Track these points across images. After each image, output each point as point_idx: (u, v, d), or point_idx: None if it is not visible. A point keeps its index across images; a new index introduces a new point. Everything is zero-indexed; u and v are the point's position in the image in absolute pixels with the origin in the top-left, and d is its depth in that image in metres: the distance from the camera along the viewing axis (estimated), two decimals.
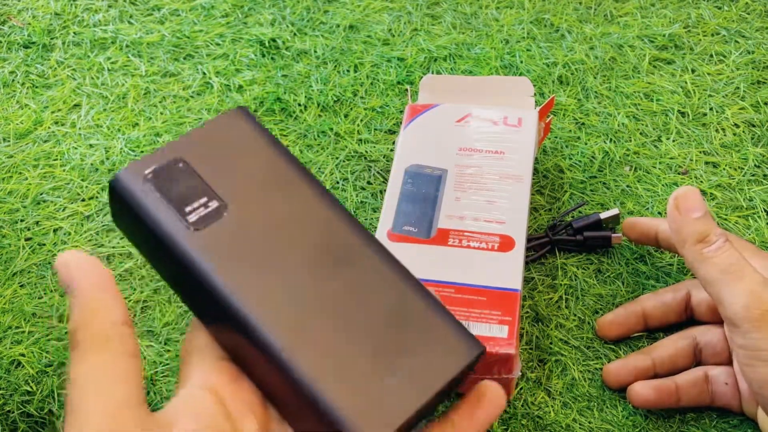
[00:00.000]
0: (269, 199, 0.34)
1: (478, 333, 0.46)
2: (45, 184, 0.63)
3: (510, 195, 0.53)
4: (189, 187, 0.33)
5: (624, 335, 0.51)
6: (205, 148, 0.35)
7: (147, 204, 0.32)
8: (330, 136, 0.64)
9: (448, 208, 0.52)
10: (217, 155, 0.35)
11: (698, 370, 0.48)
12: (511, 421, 0.49)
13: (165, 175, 0.33)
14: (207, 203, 0.33)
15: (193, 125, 0.66)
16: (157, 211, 0.32)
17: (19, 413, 0.51)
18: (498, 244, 0.50)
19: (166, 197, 0.33)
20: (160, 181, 0.33)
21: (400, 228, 0.52)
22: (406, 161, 0.55)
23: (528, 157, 0.55)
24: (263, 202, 0.34)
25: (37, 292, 0.57)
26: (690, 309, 0.50)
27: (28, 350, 0.53)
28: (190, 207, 0.33)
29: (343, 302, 0.32)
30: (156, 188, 0.33)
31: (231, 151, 0.35)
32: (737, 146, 0.62)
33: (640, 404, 0.48)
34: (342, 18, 0.73)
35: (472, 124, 0.57)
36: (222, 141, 0.35)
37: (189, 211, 0.33)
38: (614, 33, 0.70)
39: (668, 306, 0.51)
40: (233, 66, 0.70)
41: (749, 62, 0.67)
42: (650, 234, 0.52)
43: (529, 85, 0.59)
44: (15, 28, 0.75)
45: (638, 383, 0.48)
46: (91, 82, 0.70)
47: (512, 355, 0.46)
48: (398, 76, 0.68)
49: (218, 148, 0.35)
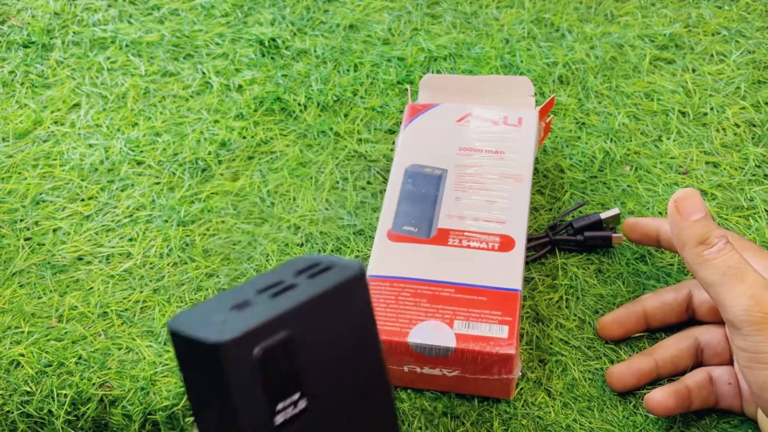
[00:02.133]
0: (348, 401, 0.31)
1: (478, 333, 0.46)
2: (44, 184, 0.63)
3: (510, 195, 0.53)
4: (288, 377, 0.28)
5: (625, 335, 0.51)
6: (314, 325, 0.30)
7: (245, 387, 0.27)
8: (330, 136, 0.64)
9: (448, 208, 0.52)
10: (323, 336, 0.30)
11: (702, 371, 0.48)
12: (511, 421, 0.49)
13: (272, 358, 0.28)
14: (297, 402, 0.29)
15: (193, 125, 0.66)
16: (252, 398, 0.27)
17: (18, 413, 0.51)
18: (498, 244, 0.50)
19: (265, 384, 0.27)
20: (265, 364, 0.27)
21: (400, 228, 0.51)
22: (406, 161, 0.55)
23: (528, 157, 0.55)
24: (342, 405, 0.31)
25: (36, 292, 0.57)
26: (692, 309, 0.50)
27: (27, 350, 0.53)
28: (282, 404, 0.28)
29: None
30: (261, 372, 0.27)
31: (336, 334, 0.30)
32: (738, 146, 0.62)
33: (661, 413, 0.47)
34: (342, 17, 0.73)
35: (473, 124, 0.57)
36: (332, 318, 0.30)
37: (280, 409, 0.28)
38: (615, 33, 0.70)
39: (669, 306, 0.50)
40: (233, 66, 0.70)
41: (750, 62, 0.67)
42: (652, 235, 0.52)
43: (529, 84, 0.59)
44: (14, 27, 0.75)
45: (657, 392, 0.47)
46: (91, 82, 0.70)
47: (512, 356, 0.46)
48: (398, 75, 0.68)
49: (326, 327, 0.30)
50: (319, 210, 0.60)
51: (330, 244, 0.58)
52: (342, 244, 0.58)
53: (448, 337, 0.46)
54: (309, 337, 0.29)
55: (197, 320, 0.27)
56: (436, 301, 0.48)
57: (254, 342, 0.27)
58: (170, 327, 0.27)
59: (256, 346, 0.27)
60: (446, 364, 0.47)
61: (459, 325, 0.47)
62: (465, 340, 0.46)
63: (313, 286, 0.29)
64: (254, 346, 0.27)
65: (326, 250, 0.57)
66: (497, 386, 0.48)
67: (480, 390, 0.49)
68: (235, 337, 0.26)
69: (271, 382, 0.27)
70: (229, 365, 0.26)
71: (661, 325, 0.51)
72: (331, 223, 0.59)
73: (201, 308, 0.28)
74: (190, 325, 0.27)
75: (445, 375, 0.48)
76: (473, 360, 0.46)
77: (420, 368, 0.48)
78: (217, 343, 0.26)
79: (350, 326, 0.30)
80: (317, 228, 0.59)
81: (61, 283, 0.57)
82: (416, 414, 0.49)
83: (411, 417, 0.49)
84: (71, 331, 0.54)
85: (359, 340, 0.31)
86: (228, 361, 0.26)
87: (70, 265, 0.58)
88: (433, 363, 0.47)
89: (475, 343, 0.46)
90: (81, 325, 0.54)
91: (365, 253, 0.57)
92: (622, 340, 0.52)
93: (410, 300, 0.48)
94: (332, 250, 0.57)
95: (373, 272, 0.50)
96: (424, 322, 0.47)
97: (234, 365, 0.26)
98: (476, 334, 0.46)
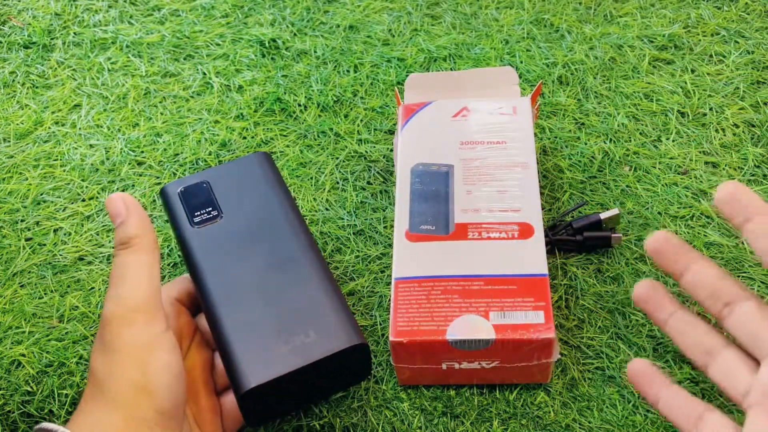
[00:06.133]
0: (252, 216, 0.50)
1: (515, 322, 0.47)
2: (45, 184, 0.63)
3: (520, 182, 0.53)
4: (202, 201, 0.51)
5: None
6: (225, 177, 0.52)
7: (174, 207, 0.51)
8: (330, 136, 0.64)
9: (461, 203, 0.52)
10: (232, 182, 0.52)
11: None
12: (510, 421, 0.49)
13: (191, 191, 0.51)
14: (210, 212, 0.50)
15: (193, 125, 0.66)
16: (179, 212, 0.51)
17: (19, 413, 0.51)
18: (517, 232, 0.51)
19: (186, 205, 0.51)
20: (186, 195, 0.51)
21: (418, 228, 0.52)
22: (410, 161, 0.55)
23: (529, 143, 0.55)
24: (247, 218, 0.49)
25: (37, 292, 0.57)
26: None
27: (28, 350, 0.53)
28: (198, 212, 0.50)
29: (273, 290, 0.46)
30: (182, 199, 0.51)
31: (242, 182, 0.52)
32: (737, 146, 0.62)
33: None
34: (342, 18, 0.74)
35: (469, 118, 0.57)
36: (240, 173, 0.52)
37: (197, 214, 0.50)
38: (614, 33, 0.70)
39: None
40: (233, 66, 0.70)
41: (749, 62, 0.67)
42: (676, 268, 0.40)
43: (513, 74, 0.60)
44: (15, 28, 0.75)
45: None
46: (92, 83, 0.70)
47: (552, 339, 0.46)
48: (398, 76, 0.68)
49: (234, 178, 0.52)
50: (319, 210, 0.60)
51: (330, 244, 0.58)
52: (342, 244, 0.58)
53: (487, 330, 0.47)
54: (220, 182, 0.51)
55: (172, 186, 0.52)
56: (467, 295, 0.48)
57: (180, 185, 0.52)
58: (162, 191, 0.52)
59: (180, 186, 0.52)
60: (486, 357, 0.47)
61: (495, 316, 0.47)
62: (503, 330, 0.46)
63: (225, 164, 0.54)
64: (179, 186, 0.52)
65: (326, 250, 0.57)
66: (535, 372, 0.49)
67: (518, 378, 0.49)
68: (169, 183, 0.52)
69: (191, 204, 0.51)
70: (166, 197, 0.52)
71: None
72: (331, 223, 0.59)
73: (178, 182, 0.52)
74: (167, 188, 0.52)
75: (484, 367, 0.48)
76: (514, 349, 0.47)
77: (459, 364, 0.48)
78: (162, 188, 0.52)
79: (253, 178, 0.52)
80: (317, 228, 0.59)
81: (62, 283, 0.57)
82: (416, 414, 0.50)
83: (411, 417, 0.49)
84: (72, 331, 0.54)
85: (262, 187, 0.51)
86: (166, 195, 0.52)
87: (71, 265, 0.58)
88: (473, 357, 0.47)
89: (514, 331, 0.46)
90: (82, 325, 0.55)
91: (365, 253, 0.57)
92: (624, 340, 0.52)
93: (441, 297, 0.48)
94: (332, 250, 0.57)
95: (400, 274, 0.50)
96: (460, 317, 0.47)
97: (168, 197, 0.52)
98: (514, 323, 0.47)
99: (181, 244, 0.50)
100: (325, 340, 0.44)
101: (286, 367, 0.43)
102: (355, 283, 0.56)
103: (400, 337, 0.47)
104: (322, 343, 0.44)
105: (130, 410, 0.40)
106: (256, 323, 0.45)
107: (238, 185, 0.52)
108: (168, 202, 0.52)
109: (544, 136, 0.63)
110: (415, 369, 0.49)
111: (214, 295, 0.46)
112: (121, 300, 0.41)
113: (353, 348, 0.44)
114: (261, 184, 0.52)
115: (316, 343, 0.44)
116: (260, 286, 0.46)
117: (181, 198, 0.51)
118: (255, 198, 0.51)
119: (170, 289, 0.49)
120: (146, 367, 0.40)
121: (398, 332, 0.47)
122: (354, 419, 0.50)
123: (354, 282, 0.56)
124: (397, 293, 0.49)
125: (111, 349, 0.41)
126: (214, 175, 0.52)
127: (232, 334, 0.44)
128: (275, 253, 0.48)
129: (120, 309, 0.41)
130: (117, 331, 0.41)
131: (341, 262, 0.57)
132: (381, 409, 0.50)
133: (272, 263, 0.47)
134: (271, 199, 0.51)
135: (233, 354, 0.44)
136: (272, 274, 0.47)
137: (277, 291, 0.46)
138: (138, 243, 0.43)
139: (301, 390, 0.45)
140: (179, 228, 0.50)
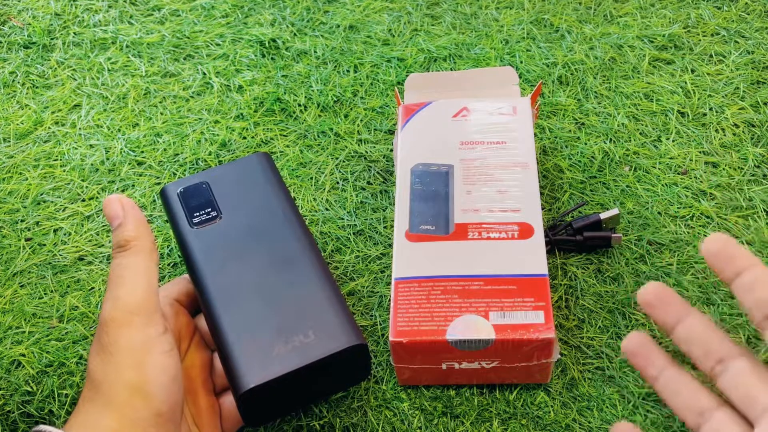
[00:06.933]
0: (252, 216, 0.50)
1: (515, 322, 0.47)
2: (45, 184, 0.63)
3: (520, 183, 0.53)
4: (202, 201, 0.51)
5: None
6: (225, 177, 0.52)
7: (174, 208, 0.51)
8: (330, 136, 0.64)
9: (461, 203, 0.52)
10: (231, 183, 0.52)
11: None
12: (510, 421, 0.49)
13: (190, 192, 0.52)
14: (209, 212, 0.50)
15: (193, 125, 0.66)
16: (178, 212, 0.51)
17: (19, 413, 0.51)
18: (517, 232, 0.51)
19: (186, 205, 0.51)
20: (186, 195, 0.52)
21: (417, 228, 0.52)
22: (410, 161, 0.55)
23: (529, 144, 0.55)
24: (247, 218, 0.50)
25: (37, 292, 0.57)
26: None
27: (28, 350, 0.53)
28: (197, 213, 0.50)
29: (272, 290, 0.46)
30: (181, 199, 0.51)
31: (242, 182, 0.52)
32: (737, 146, 0.62)
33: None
34: (342, 18, 0.74)
35: (469, 118, 0.57)
36: (240, 174, 0.52)
37: (196, 215, 0.50)
38: (614, 33, 0.70)
39: None
40: (233, 66, 0.70)
41: (749, 62, 0.67)
42: (668, 321, 0.40)
43: (513, 74, 0.60)
44: (15, 28, 0.75)
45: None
46: (92, 83, 0.70)
47: (552, 340, 0.46)
48: (398, 76, 0.68)
49: (234, 179, 0.52)
50: (319, 210, 0.60)
51: (330, 244, 0.58)
52: (342, 244, 0.58)
53: (487, 330, 0.47)
54: (220, 183, 0.52)
55: (172, 187, 0.52)
56: (467, 295, 0.48)
57: (180, 185, 0.52)
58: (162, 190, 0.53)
59: (180, 187, 0.52)
60: (486, 356, 0.47)
61: (494, 316, 0.47)
62: (503, 330, 0.46)
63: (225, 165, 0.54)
64: (179, 187, 0.52)
65: (326, 250, 0.57)
66: (535, 372, 0.49)
67: (518, 378, 0.49)
68: (170, 183, 0.53)
69: (191, 204, 0.51)
70: (166, 197, 0.52)
71: None
72: (331, 223, 0.59)
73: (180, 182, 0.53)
74: (167, 188, 0.53)
75: (483, 367, 0.48)
76: (514, 349, 0.47)
77: (459, 364, 0.48)
78: (163, 189, 0.52)
79: (253, 180, 0.52)
80: (317, 228, 0.59)
81: (61, 283, 0.57)
82: (416, 414, 0.50)
83: (411, 417, 0.49)
84: (72, 331, 0.54)
85: (262, 188, 0.51)
86: (165, 195, 0.52)
87: (71, 265, 0.58)
88: (473, 357, 0.47)
89: (514, 331, 0.46)
90: (82, 325, 0.55)
91: (365, 253, 0.57)
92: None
93: (441, 298, 0.48)
94: (332, 250, 0.57)
95: (400, 274, 0.50)
96: (460, 317, 0.47)
97: (168, 198, 0.52)
98: (514, 323, 0.47)
99: (180, 244, 0.50)
100: (324, 340, 0.44)
101: (285, 367, 0.43)
102: (355, 283, 0.56)
103: (400, 337, 0.47)
104: (321, 344, 0.44)
105: (126, 412, 0.40)
106: (255, 323, 0.45)
107: (238, 186, 0.52)
108: (168, 202, 0.52)
109: (544, 136, 0.63)
110: (415, 369, 0.49)
111: (213, 296, 0.46)
112: (119, 302, 0.41)
113: (353, 348, 0.44)
114: (261, 185, 0.52)
115: (315, 343, 0.44)
116: (259, 287, 0.46)
117: (181, 198, 0.51)
118: (255, 198, 0.51)
119: (169, 290, 0.49)
120: (143, 369, 0.40)
121: (398, 332, 0.47)
122: (354, 419, 0.50)
123: (354, 282, 0.56)
124: (397, 293, 0.49)
125: (108, 351, 0.41)
126: (214, 176, 0.52)
127: (231, 334, 0.44)
128: (275, 254, 0.48)
129: (117, 311, 0.41)
130: (114, 333, 0.41)
131: (341, 262, 0.57)
132: (381, 409, 0.50)
133: (272, 264, 0.47)
134: (271, 200, 0.51)
135: (232, 354, 0.44)
136: (271, 274, 0.47)
137: (277, 291, 0.46)
138: (135, 245, 0.43)
139: (300, 390, 0.45)
140: (179, 228, 0.50)
